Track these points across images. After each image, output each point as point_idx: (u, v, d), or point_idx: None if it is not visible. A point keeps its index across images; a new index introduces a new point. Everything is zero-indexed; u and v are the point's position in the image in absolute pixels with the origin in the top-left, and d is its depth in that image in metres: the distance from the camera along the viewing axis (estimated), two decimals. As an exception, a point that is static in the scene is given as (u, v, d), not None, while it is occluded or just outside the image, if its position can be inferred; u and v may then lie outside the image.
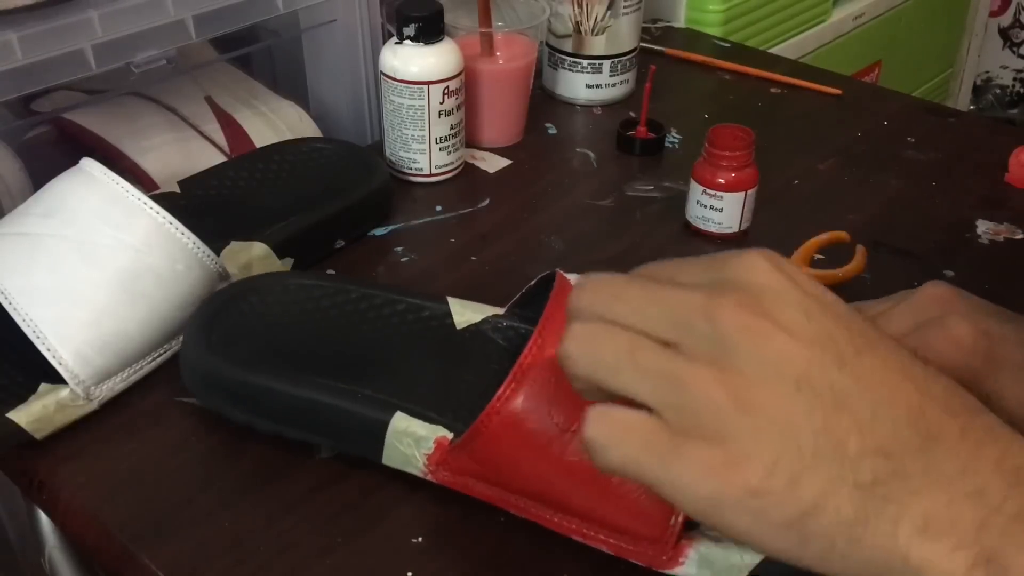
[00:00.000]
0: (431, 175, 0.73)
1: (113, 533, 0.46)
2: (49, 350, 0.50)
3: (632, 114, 0.81)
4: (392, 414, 0.46)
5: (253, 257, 0.59)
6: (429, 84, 0.69)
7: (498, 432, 0.43)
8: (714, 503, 0.30)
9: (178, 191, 0.64)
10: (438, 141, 0.71)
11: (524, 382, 0.42)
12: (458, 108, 0.71)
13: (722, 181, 0.65)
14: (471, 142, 0.77)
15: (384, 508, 0.47)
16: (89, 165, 0.54)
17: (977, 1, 1.63)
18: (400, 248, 0.66)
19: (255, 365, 0.49)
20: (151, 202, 0.53)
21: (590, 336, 0.33)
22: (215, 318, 0.51)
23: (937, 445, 0.30)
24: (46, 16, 0.57)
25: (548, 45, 0.85)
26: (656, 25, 1.01)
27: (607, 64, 0.83)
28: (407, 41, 0.69)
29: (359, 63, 0.75)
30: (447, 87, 0.69)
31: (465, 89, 0.72)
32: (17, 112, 0.70)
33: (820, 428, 0.30)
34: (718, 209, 0.65)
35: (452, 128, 0.72)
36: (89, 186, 0.53)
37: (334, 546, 0.45)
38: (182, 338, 0.52)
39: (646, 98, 0.76)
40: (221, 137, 0.72)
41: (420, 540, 0.46)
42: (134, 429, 0.52)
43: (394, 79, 0.69)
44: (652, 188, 0.74)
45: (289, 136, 0.73)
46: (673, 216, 0.70)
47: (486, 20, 0.75)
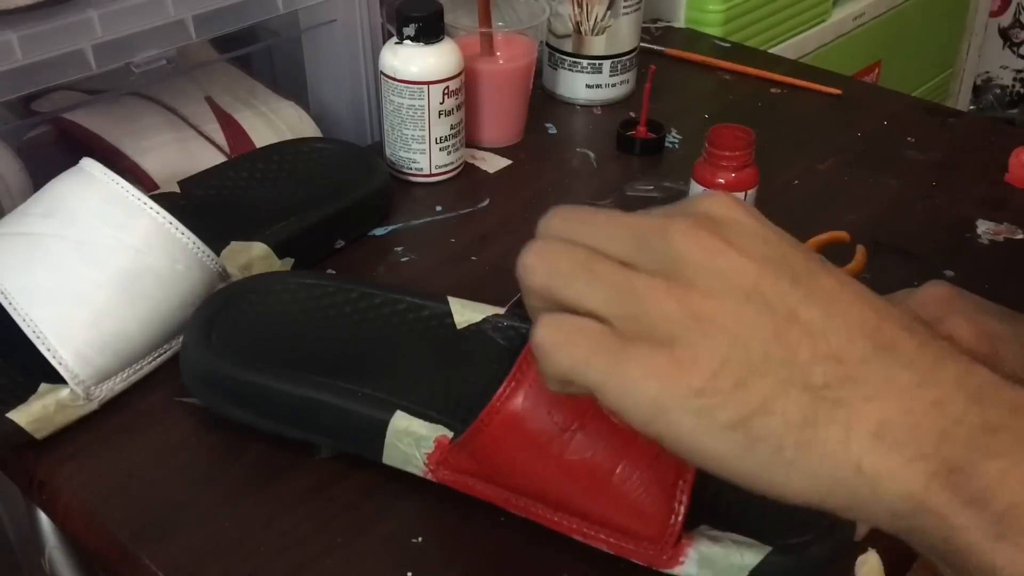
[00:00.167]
0: (431, 175, 0.73)
1: (113, 533, 0.46)
2: (49, 350, 0.50)
3: (632, 114, 0.81)
4: (392, 413, 0.46)
5: (253, 257, 0.59)
6: (429, 84, 0.69)
7: (498, 431, 0.43)
8: (658, 404, 0.30)
9: (178, 191, 0.64)
10: (438, 141, 0.71)
11: (524, 381, 0.42)
12: (458, 108, 0.71)
13: (722, 181, 0.65)
14: (471, 142, 0.77)
15: (384, 508, 0.47)
16: (89, 165, 0.54)
17: (977, 1, 1.63)
18: (400, 248, 0.66)
19: (255, 364, 0.49)
20: (151, 202, 0.53)
21: (550, 249, 0.33)
22: (215, 317, 0.51)
23: (894, 356, 0.29)
24: (46, 16, 0.57)
25: (548, 45, 0.85)
26: (656, 25, 1.01)
27: (607, 64, 0.83)
28: (407, 41, 0.69)
29: (359, 63, 0.75)
30: (447, 87, 0.69)
31: (465, 89, 0.72)
32: (17, 112, 0.70)
33: (770, 335, 0.29)
34: (718, 209, 0.65)
35: (452, 128, 0.72)
36: (89, 186, 0.53)
37: (334, 546, 0.45)
38: (182, 339, 0.52)
39: (646, 98, 0.76)
40: (221, 137, 0.72)
41: (420, 540, 0.46)
42: (134, 429, 0.52)
43: (394, 79, 0.69)
44: (652, 188, 0.74)
45: (289, 136, 0.73)
46: (673, 216, 0.70)
47: (486, 20, 0.75)
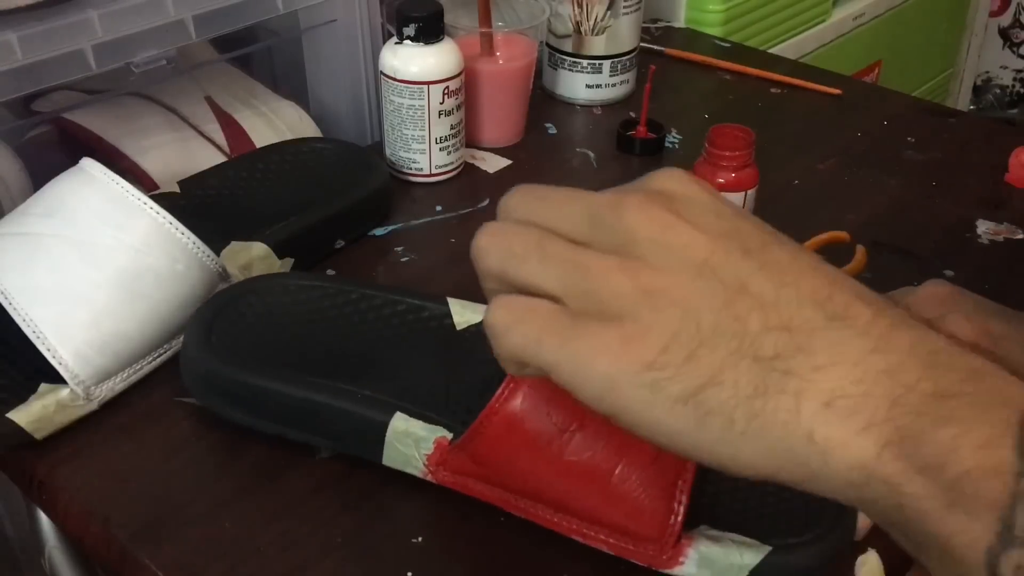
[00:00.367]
0: (431, 175, 0.73)
1: (113, 533, 0.46)
2: (49, 350, 0.50)
3: (632, 114, 0.81)
4: (392, 415, 0.46)
5: (253, 257, 0.59)
6: (429, 84, 0.69)
7: (497, 432, 0.43)
8: (610, 380, 0.30)
9: (178, 191, 0.64)
10: (438, 141, 0.71)
11: (523, 382, 0.42)
12: (458, 108, 0.71)
13: (722, 181, 0.65)
14: (471, 142, 0.77)
15: (384, 508, 0.47)
16: (89, 165, 0.54)
17: (977, 1, 1.63)
18: (400, 248, 0.66)
19: (255, 366, 0.49)
20: (151, 202, 0.53)
21: (503, 230, 0.33)
22: (215, 319, 0.51)
23: (846, 325, 0.29)
24: (46, 16, 0.57)
25: (548, 45, 0.85)
26: (656, 25, 1.01)
27: (607, 64, 0.83)
28: (407, 41, 0.69)
29: (359, 63, 0.75)
30: (447, 87, 0.69)
31: (465, 89, 0.72)
32: (17, 112, 0.70)
33: (720, 307, 0.29)
34: (718, 209, 0.65)
35: (452, 128, 0.72)
36: (89, 186, 0.53)
37: (334, 546, 0.45)
38: (182, 339, 0.52)
39: (646, 98, 0.76)
40: (221, 137, 0.72)
41: (420, 540, 0.46)
42: (134, 429, 0.52)
43: (394, 79, 0.69)
44: (652, 188, 0.74)
45: (289, 136, 0.73)
46: (673, 216, 0.70)
47: (486, 20, 0.75)
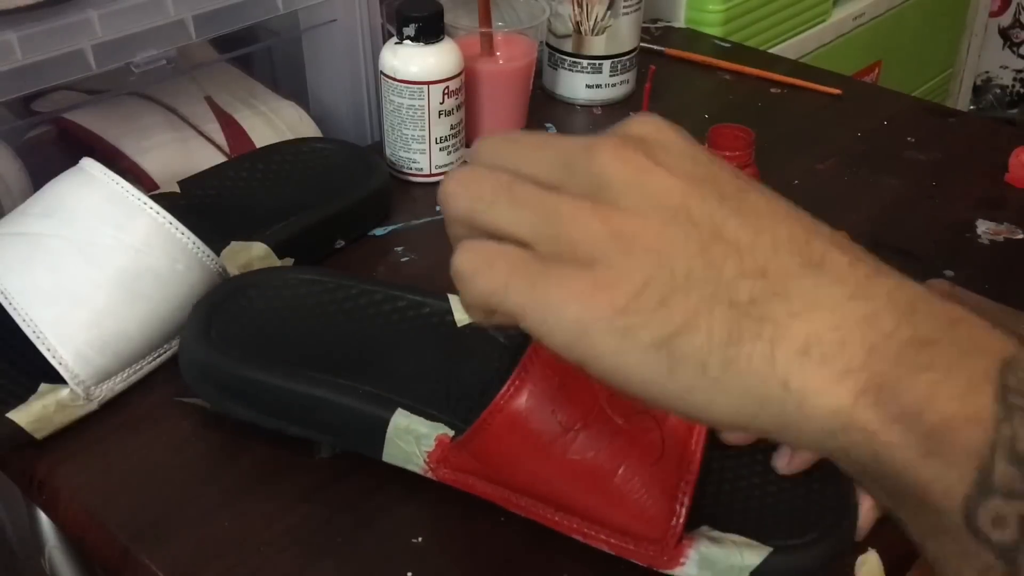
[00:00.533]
0: (431, 175, 0.73)
1: (113, 533, 0.46)
2: (49, 350, 0.49)
3: (632, 114, 0.80)
4: (393, 411, 0.46)
5: (253, 257, 0.59)
6: (429, 84, 0.69)
7: (501, 430, 0.43)
8: (580, 326, 0.29)
9: (178, 191, 0.64)
10: (438, 141, 0.71)
11: (528, 379, 0.42)
12: (458, 108, 0.71)
13: (722, 181, 0.64)
14: (471, 142, 0.77)
15: (384, 508, 0.47)
16: (89, 165, 0.54)
17: (977, 1, 1.63)
18: (400, 248, 0.66)
19: (254, 360, 0.49)
20: (151, 202, 0.53)
21: (472, 174, 0.32)
22: (215, 312, 0.51)
23: (823, 272, 0.29)
24: (46, 16, 0.57)
25: (548, 45, 0.85)
26: (656, 25, 1.01)
27: (607, 64, 0.83)
28: (407, 41, 0.69)
29: (359, 63, 0.75)
30: (447, 87, 0.69)
31: (465, 89, 0.72)
32: (17, 112, 0.70)
33: (695, 253, 0.29)
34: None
35: (452, 128, 0.71)
36: (89, 186, 0.53)
37: (334, 546, 0.45)
38: (182, 332, 0.52)
39: (646, 98, 0.76)
40: (221, 137, 0.72)
41: (420, 540, 0.46)
42: (134, 429, 0.52)
43: (394, 79, 0.69)
44: (652, 188, 0.74)
45: (289, 136, 0.73)
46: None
47: (486, 20, 0.75)
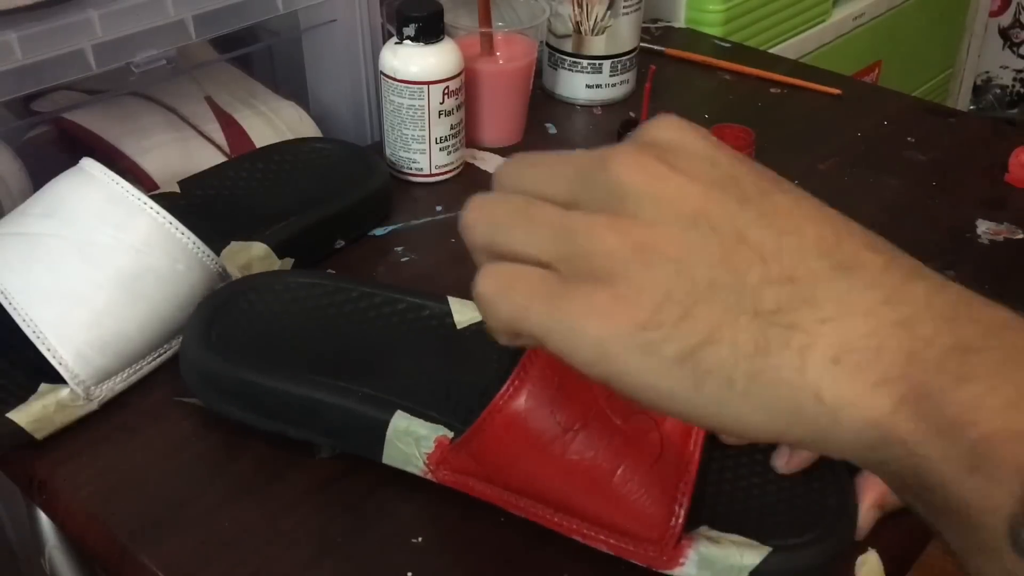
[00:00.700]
0: (431, 175, 0.73)
1: (113, 533, 0.46)
2: (49, 350, 0.50)
3: (632, 114, 0.81)
4: (392, 413, 0.46)
5: (253, 257, 0.59)
6: (429, 84, 0.69)
7: (500, 431, 0.43)
8: (603, 345, 0.28)
9: (178, 191, 0.64)
10: (438, 141, 0.71)
11: (527, 380, 0.42)
12: (458, 108, 0.71)
13: (722, 181, 0.64)
14: (471, 142, 0.77)
15: (384, 508, 0.47)
16: (89, 165, 0.54)
17: (977, 1, 1.63)
18: (400, 248, 0.66)
19: (255, 363, 0.49)
20: (151, 202, 0.53)
21: (488, 201, 0.32)
22: (215, 316, 0.51)
23: (855, 275, 0.27)
24: (46, 16, 0.57)
25: (548, 45, 0.85)
26: (656, 25, 1.01)
27: (607, 64, 0.83)
28: (407, 41, 0.68)
29: (359, 63, 0.75)
30: (447, 87, 0.69)
31: (465, 89, 0.72)
32: (17, 112, 0.70)
33: (717, 261, 0.28)
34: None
35: (452, 128, 0.72)
36: (89, 186, 0.53)
37: (334, 546, 0.45)
38: (183, 336, 0.52)
39: (646, 98, 0.76)
40: (221, 137, 0.72)
41: (420, 540, 0.46)
42: (134, 429, 0.52)
43: (394, 79, 0.69)
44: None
45: (289, 136, 0.73)
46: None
47: (486, 20, 0.75)
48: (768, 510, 0.45)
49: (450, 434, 0.46)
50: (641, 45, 0.87)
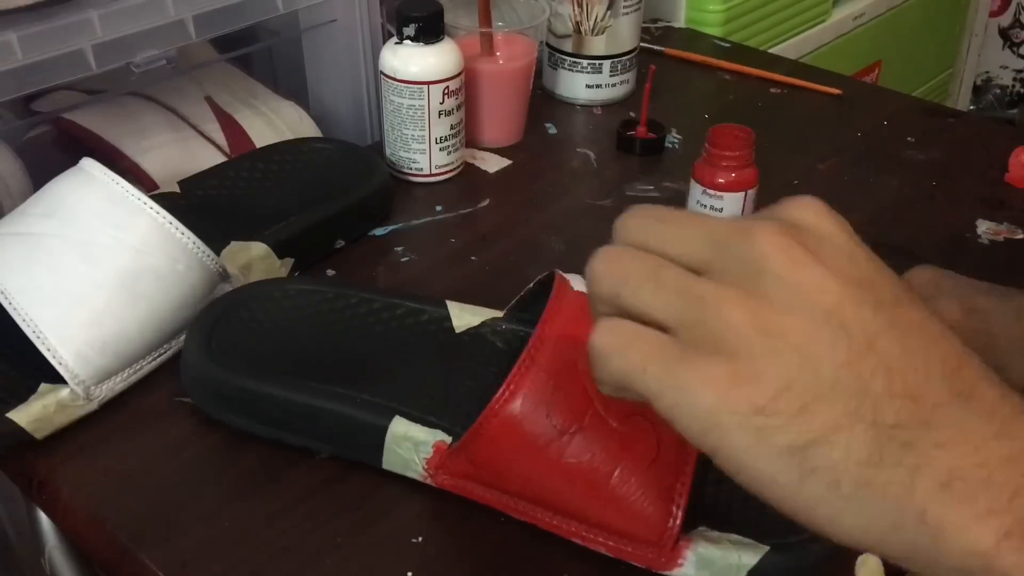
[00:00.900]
0: (431, 175, 0.73)
1: (113, 533, 0.46)
2: (49, 350, 0.50)
3: (632, 114, 0.81)
4: (391, 419, 0.46)
5: (253, 257, 0.59)
6: (429, 84, 0.69)
7: (497, 434, 0.43)
8: (714, 417, 0.28)
9: (178, 191, 0.64)
10: (438, 141, 0.71)
11: (523, 384, 0.42)
12: (458, 108, 0.71)
13: (722, 181, 0.64)
14: (471, 142, 0.77)
15: (384, 508, 0.47)
16: (89, 165, 0.54)
17: (977, 1, 1.63)
18: (400, 248, 0.66)
19: (255, 372, 0.49)
20: (151, 202, 0.53)
21: (619, 256, 0.32)
22: (215, 325, 0.51)
23: (972, 404, 0.28)
24: (46, 16, 0.57)
25: (548, 45, 0.85)
26: (656, 25, 1.01)
27: (607, 64, 0.83)
28: (407, 41, 0.69)
29: (359, 63, 0.75)
30: (447, 87, 0.69)
31: (465, 89, 0.72)
32: (17, 112, 0.70)
33: (843, 362, 0.28)
34: (718, 209, 0.65)
35: (452, 128, 0.72)
36: (89, 186, 0.53)
37: (334, 546, 0.45)
38: (183, 346, 0.52)
39: (646, 98, 0.76)
40: (221, 137, 0.72)
41: (420, 540, 0.46)
42: (134, 429, 0.52)
43: (394, 79, 0.69)
44: (652, 188, 0.74)
45: (289, 136, 0.73)
46: (673, 216, 0.70)
47: (486, 20, 0.75)
48: (767, 508, 0.45)
49: (448, 439, 0.46)
50: (641, 45, 0.87)
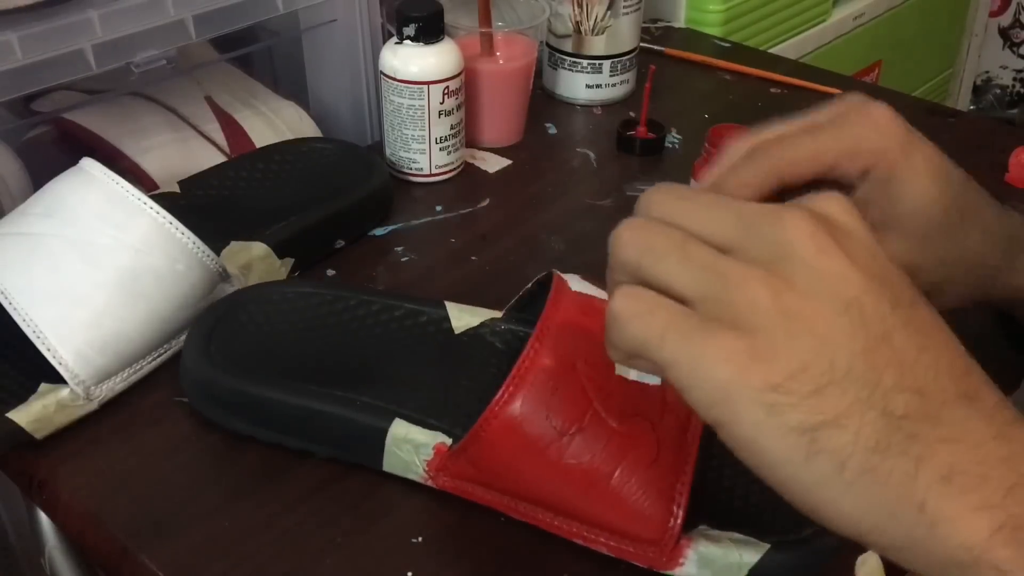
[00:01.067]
0: (431, 175, 0.73)
1: (113, 533, 0.46)
2: (49, 350, 0.50)
3: (632, 114, 0.81)
4: (391, 421, 0.46)
5: (253, 257, 0.59)
6: (429, 84, 0.69)
7: (496, 436, 0.43)
8: (727, 390, 0.29)
9: (178, 191, 0.64)
10: (438, 141, 0.71)
11: (522, 386, 0.42)
12: (458, 108, 0.71)
13: (722, 181, 0.64)
14: (471, 142, 0.77)
15: (384, 508, 0.47)
16: (89, 165, 0.54)
17: (977, 1, 1.63)
18: (400, 248, 0.66)
19: (254, 376, 0.49)
20: (151, 202, 0.53)
21: (647, 226, 0.32)
22: (214, 329, 0.51)
23: (974, 406, 0.29)
24: (46, 16, 0.57)
25: (548, 45, 0.85)
26: (656, 25, 1.01)
27: (607, 64, 0.83)
28: (407, 41, 0.69)
29: (359, 63, 0.75)
30: (447, 87, 0.69)
31: (465, 89, 0.72)
32: (17, 112, 0.70)
33: (859, 351, 0.29)
34: (718, 209, 0.65)
35: (452, 128, 0.72)
36: (89, 186, 0.53)
37: (334, 546, 0.45)
38: (182, 350, 0.52)
39: (646, 98, 0.76)
40: (221, 137, 0.72)
41: (420, 540, 0.46)
42: (134, 429, 0.52)
43: (394, 79, 0.69)
44: (652, 188, 0.74)
45: (289, 136, 0.73)
46: (673, 216, 0.70)
47: (486, 20, 0.75)
48: (767, 506, 0.45)
49: (449, 440, 0.46)
50: (641, 45, 0.87)
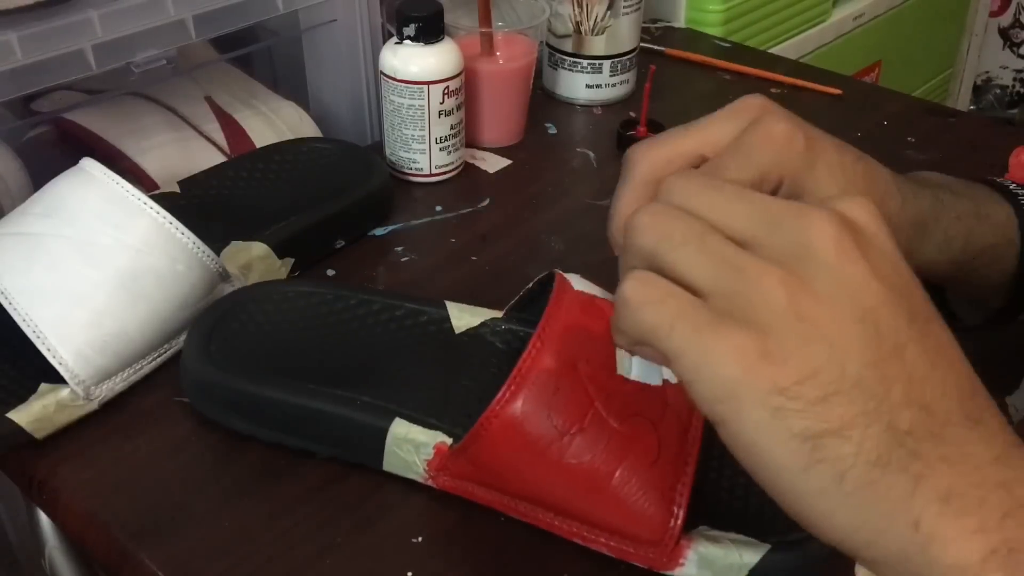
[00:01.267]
0: (431, 175, 0.73)
1: (113, 533, 0.46)
2: (49, 350, 0.50)
3: (632, 114, 0.81)
4: (391, 421, 0.46)
5: (253, 257, 0.59)
6: (429, 84, 0.69)
7: (497, 435, 0.43)
8: (733, 388, 0.28)
9: (178, 191, 0.64)
10: (438, 141, 0.71)
11: (523, 385, 0.42)
12: (458, 108, 0.71)
13: (722, 181, 0.64)
14: (471, 142, 0.77)
15: (384, 508, 0.47)
16: (89, 165, 0.54)
17: (977, 1, 1.63)
18: (400, 248, 0.66)
19: (255, 375, 0.49)
20: (151, 202, 0.53)
21: (666, 212, 0.31)
22: (214, 328, 0.51)
23: (977, 429, 0.29)
24: (46, 16, 0.57)
25: (548, 45, 0.85)
26: (656, 25, 1.01)
27: (607, 64, 0.83)
28: (407, 41, 0.69)
29: (359, 63, 0.75)
30: (447, 87, 0.69)
31: (465, 89, 0.72)
32: (17, 112, 0.70)
33: (870, 362, 0.28)
34: (718, 209, 0.65)
35: (452, 128, 0.72)
36: (89, 186, 0.53)
37: (334, 546, 0.45)
38: (182, 349, 0.52)
39: (646, 98, 0.76)
40: (221, 137, 0.72)
41: (420, 540, 0.46)
42: (134, 429, 0.52)
43: (394, 79, 0.69)
44: (652, 188, 0.74)
45: (289, 136, 0.73)
46: (673, 216, 0.69)
47: (486, 20, 0.75)
48: (767, 507, 0.44)
49: (449, 440, 0.46)
50: (641, 45, 0.87)
